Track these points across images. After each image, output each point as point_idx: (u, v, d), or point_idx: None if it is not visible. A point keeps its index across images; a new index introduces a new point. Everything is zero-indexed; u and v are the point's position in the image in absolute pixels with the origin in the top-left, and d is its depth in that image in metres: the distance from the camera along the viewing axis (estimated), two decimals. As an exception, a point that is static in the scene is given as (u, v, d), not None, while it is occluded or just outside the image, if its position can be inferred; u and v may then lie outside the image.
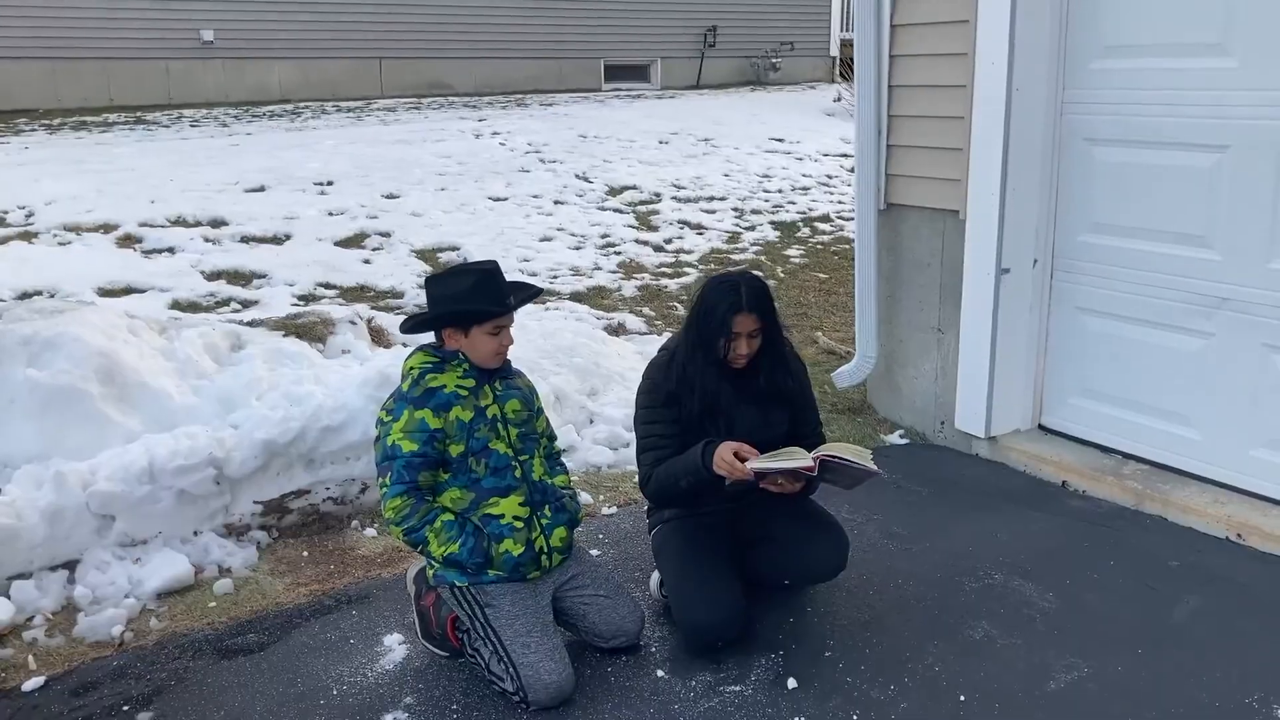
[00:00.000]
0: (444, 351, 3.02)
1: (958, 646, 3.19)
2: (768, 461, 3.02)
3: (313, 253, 8.04)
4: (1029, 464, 4.54)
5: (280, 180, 10.02)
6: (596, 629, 3.11)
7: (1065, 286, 4.50)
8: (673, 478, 3.17)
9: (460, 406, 2.94)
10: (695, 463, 3.11)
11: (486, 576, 2.97)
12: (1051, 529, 3.99)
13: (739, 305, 3.08)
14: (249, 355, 4.63)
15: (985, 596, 3.49)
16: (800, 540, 3.26)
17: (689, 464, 3.13)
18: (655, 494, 3.27)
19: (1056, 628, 3.29)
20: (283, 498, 4.01)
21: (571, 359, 5.33)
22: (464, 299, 2.93)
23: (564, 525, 3.12)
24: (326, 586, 3.64)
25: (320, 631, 3.35)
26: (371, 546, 3.94)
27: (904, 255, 4.95)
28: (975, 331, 4.56)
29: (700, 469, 3.11)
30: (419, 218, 9.24)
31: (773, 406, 3.28)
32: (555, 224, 9.46)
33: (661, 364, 3.25)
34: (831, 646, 3.20)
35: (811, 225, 10.14)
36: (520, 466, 3.04)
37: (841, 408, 5.38)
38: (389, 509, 2.90)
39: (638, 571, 3.69)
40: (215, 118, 13.71)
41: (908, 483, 4.45)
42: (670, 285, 7.95)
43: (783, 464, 3.00)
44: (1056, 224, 4.47)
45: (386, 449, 2.90)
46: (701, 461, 3.10)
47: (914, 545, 3.87)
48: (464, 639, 3.05)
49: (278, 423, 4.01)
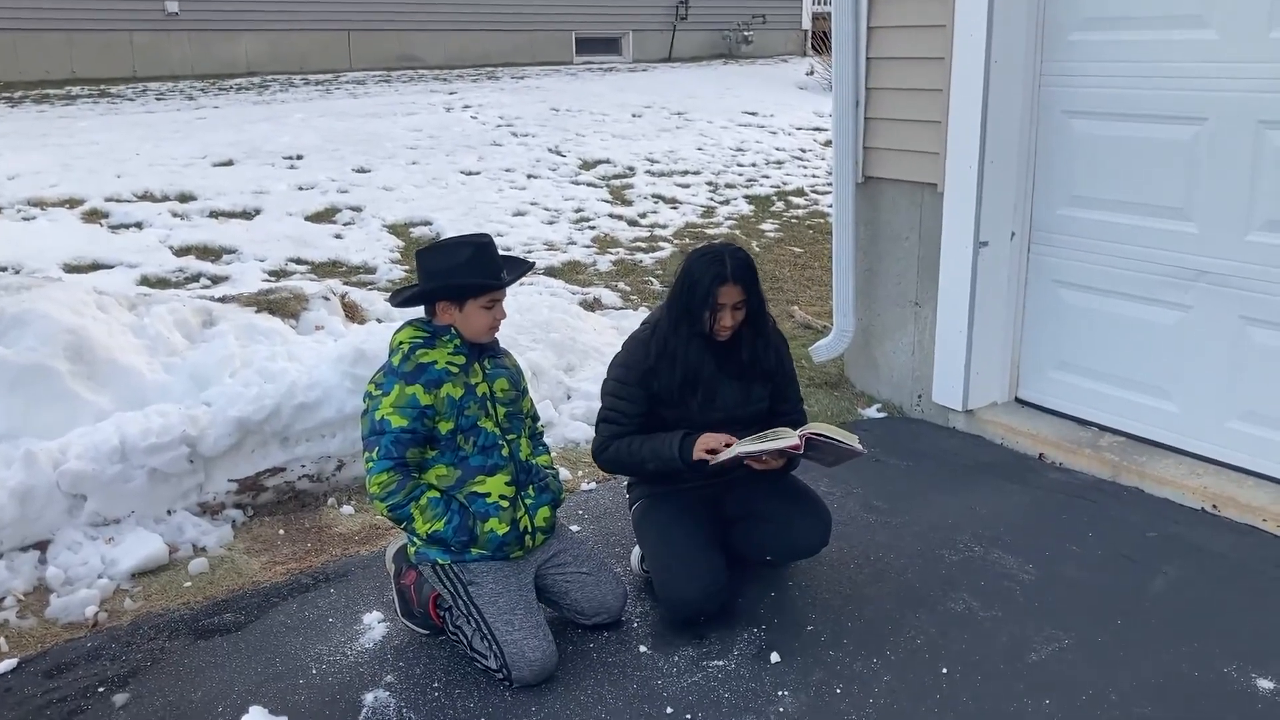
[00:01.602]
0: (435, 326, 2.97)
1: (939, 618, 3.20)
2: (753, 444, 3.00)
3: (283, 228, 7.93)
4: (1006, 437, 4.56)
5: (248, 154, 9.87)
6: (579, 606, 3.09)
7: (1043, 260, 4.50)
8: (638, 458, 3.15)
9: (451, 383, 2.90)
10: (669, 453, 3.09)
11: (470, 555, 2.94)
12: (1029, 501, 4.01)
13: (724, 276, 3.05)
14: (221, 332, 4.56)
15: (965, 569, 3.50)
16: (783, 517, 3.25)
17: (661, 452, 3.10)
18: (609, 464, 3.24)
19: (1036, 599, 3.30)
20: (258, 476, 3.96)
21: (548, 334, 5.29)
22: (460, 272, 2.88)
23: (548, 505, 3.09)
24: (304, 565, 3.60)
25: (298, 610, 3.31)
26: (349, 524, 3.89)
27: (882, 229, 4.94)
28: (953, 305, 4.56)
29: (675, 460, 3.08)
30: (390, 192, 9.14)
31: (754, 381, 3.26)
32: (528, 198, 9.38)
33: (642, 339, 3.21)
34: (813, 620, 3.20)
35: (786, 199, 10.12)
36: (507, 445, 3.00)
37: (819, 382, 5.37)
38: (374, 484, 2.86)
39: (618, 547, 3.68)
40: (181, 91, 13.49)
41: (886, 456, 4.45)
42: (645, 260, 7.91)
43: (768, 445, 2.98)
44: (1035, 197, 4.47)
45: (375, 423, 2.86)
46: (679, 454, 3.08)
47: (893, 518, 3.87)
48: (445, 617, 3.02)
49: (251, 400, 3.95)
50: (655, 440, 3.13)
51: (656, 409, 3.19)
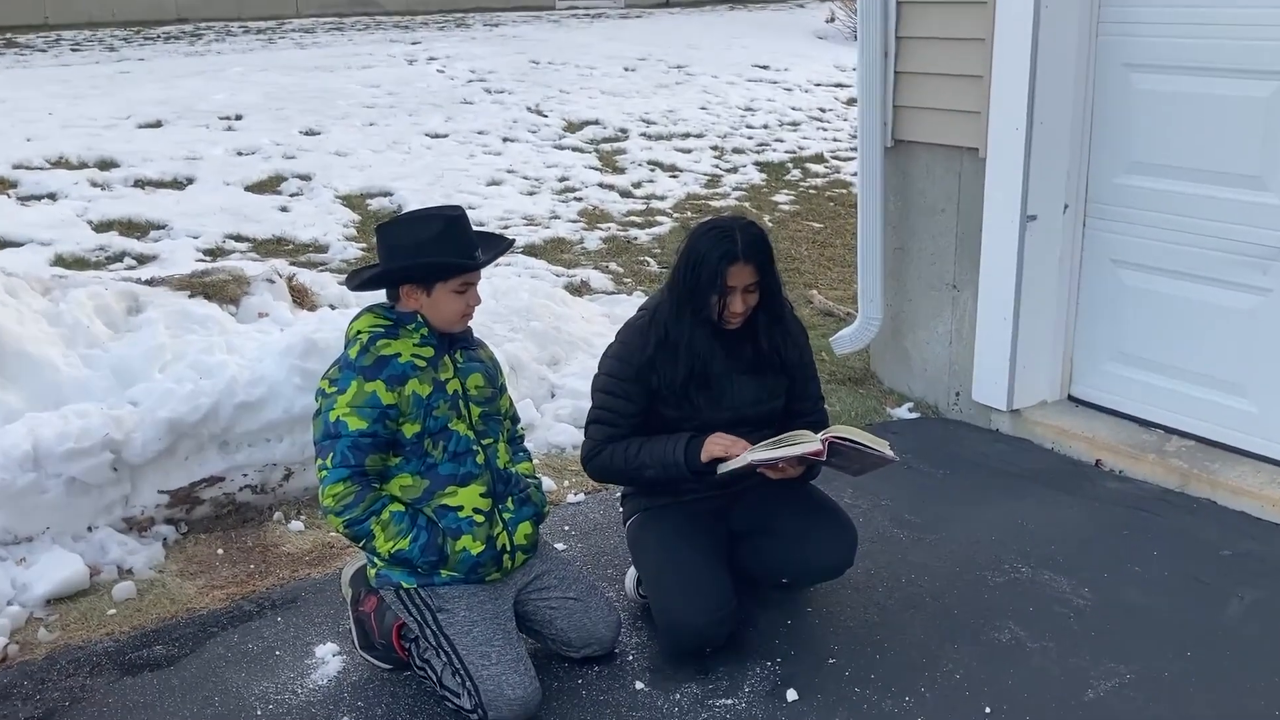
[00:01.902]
0: (398, 313, 2.97)
1: (981, 650, 3.21)
2: (769, 451, 3.01)
3: (220, 199, 7.93)
4: (1058, 440, 4.57)
5: (179, 114, 9.86)
6: (565, 636, 3.10)
7: (1100, 236, 4.51)
8: (634, 464, 3.15)
9: (417, 379, 2.90)
10: (671, 459, 3.09)
11: (439, 577, 2.94)
12: (1085, 515, 4.02)
13: (734, 255, 3.05)
14: (149, 319, 4.56)
15: (1011, 593, 3.51)
16: (801, 533, 3.25)
17: (662, 457, 3.11)
18: (600, 472, 3.26)
19: (1093, 628, 3.32)
20: (192, 486, 3.96)
21: (528, 323, 5.30)
22: (428, 250, 2.87)
23: (529, 520, 3.09)
24: (246, 589, 3.60)
25: (240, 642, 3.31)
26: (298, 542, 3.90)
27: (914, 200, 4.95)
28: (996, 288, 4.58)
29: (678, 466, 3.09)
30: (344, 158, 9.13)
31: (769, 375, 3.26)
32: (504, 165, 9.38)
33: (639, 327, 3.22)
34: (836, 652, 3.21)
35: (803, 166, 10.13)
36: (482, 451, 3.01)
37: (841, 377, 5.39)
38: (328, 496, 2.86)
39: (611, 569, 3.68)
40: (101, 40, 13.46)
41: (919, 463, 4.47)
42: (641, 237, 7.92)
43: (786, 451, 2.99)
44: (1090, 164, 4.48)
45: (328, 426, 2.86)
46: (683, 459, 3.08)
47: (928, 535, 3.89)
48: (411, 649, 3.02)
49: (185, 398, 3.95)
50: (655, 444, 3.14)
51: (656, 408, 3.19)
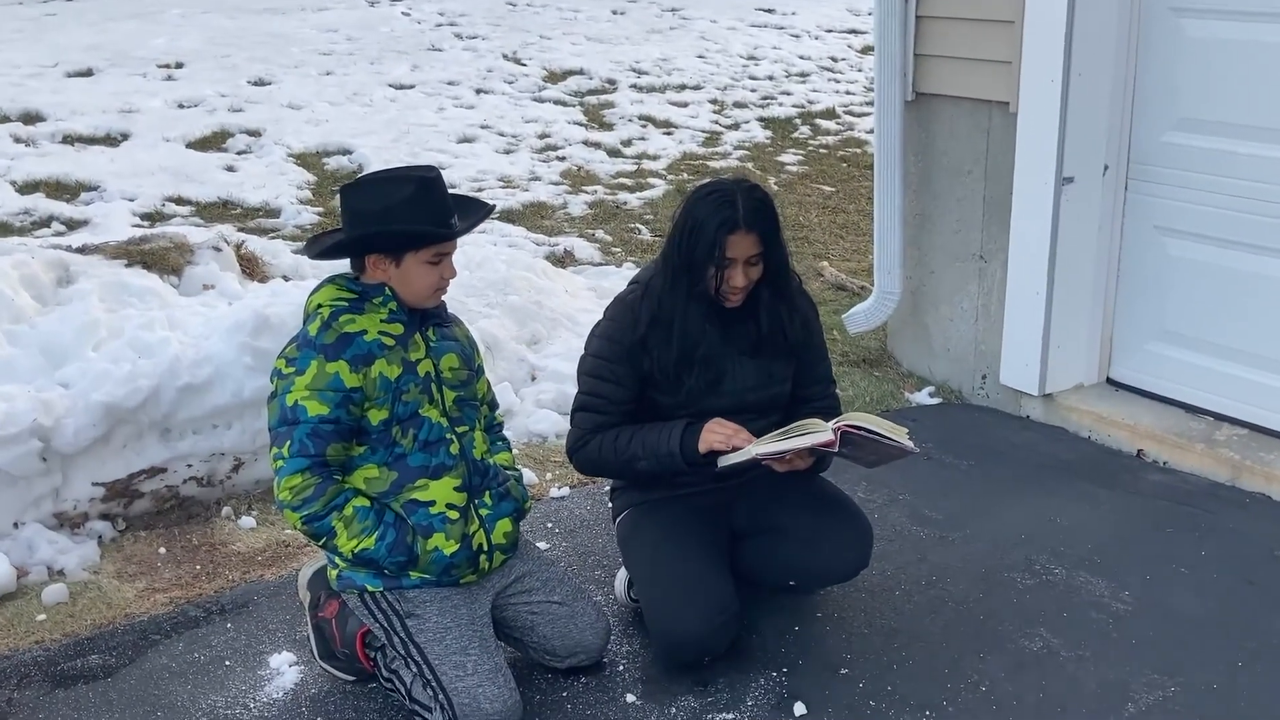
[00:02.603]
0: (364, 286, 2.97)
1: (1009, 660, 3.24)
2: (775, 443, 3.02)
3: (159, 157, 7.90)
4: (1095, 428, 4.60)
5: (113, 61, 9.81)
6: (549, 644, 3.12)
7: (1144, 201, 4.53)
8: (625, 455, 3.17)
9: (385, 360, 2.91)
10: (666, 448, 3.10)
11: (408, 579, 2.96)
12: (1125, 511, 4.05)
13: (734, 222, 3.06)
14: (82, 291, 4.56)
15: (1043, 597, 3.54)
16: (811, 531, 3.27)
17: (656, 447, 3.13)
18: (588, 465, 3.28)
19: (1134, 635, 3.35)
20: (131, 478, 3.97)
21: (505, 297, 5.30)
22: (399, 215, 2.87)
23: (508, 517, 3.11)
24: (192, 592, 3.61)
25: (185, 651, 3.32)
26: (250, 540, 3.91)
27: (937, 160, 4.96)
28: (1028, 259, 4.59)
29: (674, 457, 3.11)
30: (298, 111, 9.11)
31: (774, 357, 3.27)
32: (478, 119, 9.36)
33: (630, 302, 3.23)
34: (849, 662, 3.23)
35: (812, 122, 10.13)
36: (457, 440, 3.02)
37: (854, 359, 5.41)
38: (285, 489, 2.87)
39: (599, 569, 3.70)
40: (22, -22, 13.39)
41: (942, 453, 4.50)
42: (631, 201, 7.92)
43: (794, 443, 3.00)
44: (1133, 120, 4.49)
45: (285, 410, 2.87)
46: (680, 449, 3.10)
47: (951, 533, 3.92)
48: (377, 659, 3.04)
49: (122, 380, 3.96)
50: (648, 433, 3.15)
51: (649, 394, 3.21)
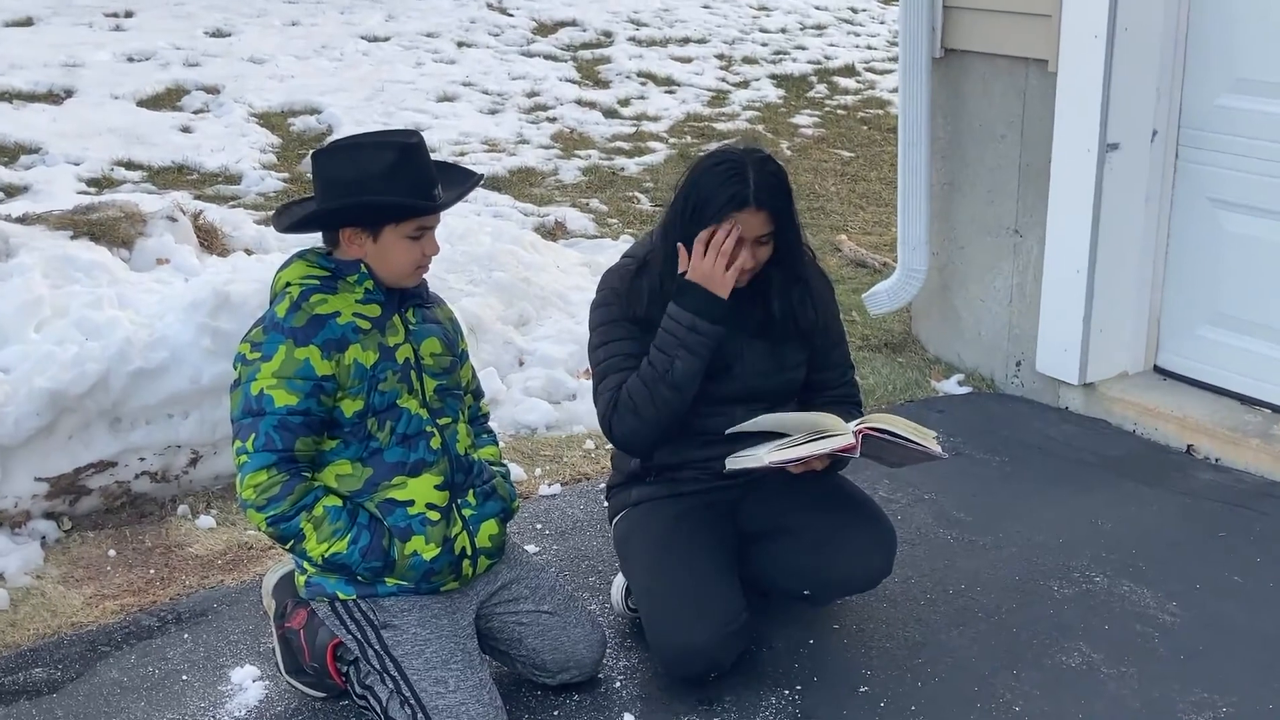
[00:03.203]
0: (337, 262, 2.97)
1: (1045, 677, 3.24)
2: (790, 450, 3.02)
3: (106, 116, 7.88)
4: (1141, 421, 4.61)
5: (55, 9, 9.78)
6: (538, 658, 3.12)
7: (1196, 170, 4.53)
8: (655, 376, 3.06)
9: (360, 345, 2.91)
10: (679, 326, 3.02)
11: (384, 586, 2.96)
12: (1173, 513, 4.06)
13: (744, 198, 3.05)
14: (22, 266, 4.56)
15: (1083, 607, 3.55)
16: (827, 535, 3.27)
17: (668, 338, 3.05)
18: (631, 423, 3.13)
19: (1182, 650, 3.35)
20: (77, 473, 3.97)
21: (490, 274, 5.30)
22: (377, 184, 2.86)
23: (494, 518, 3.11)
24: (145, 599, 3.62)
25: (138, 664, 3.32)
26: (209, 542, 3.92)
27: (968, 124, 4.95)
28: (1068, 234, 4.59)
29: (690, 326, 3.01)
30: (260, 66, 9.08)
31: (786, 342, 3.27)
32: (460, 76, 9.34)
33: (625, 273, 3.23)
34: (868, 679, 3.24)
35: (829, 80, 10.11)
36: (438, 433, 3.02)
37: (875, 343, 5.41)
38: (248, 487, 2.87)
39: (594, 575, 3.71)
40: (-46, -84, 13.33)
41: (971, 449, 4.50)
42: (629, 167, 7.91)
43: (810, 449, 3.00)
44: (1185, 80, 4.48)
45: (250, 400, 2.87)
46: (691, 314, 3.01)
47: (982, 536, 3.92)
48: (350, 674, 3.05)
49: (68, 364, 3.96)
50: (654, 345, 3.09)
51: None
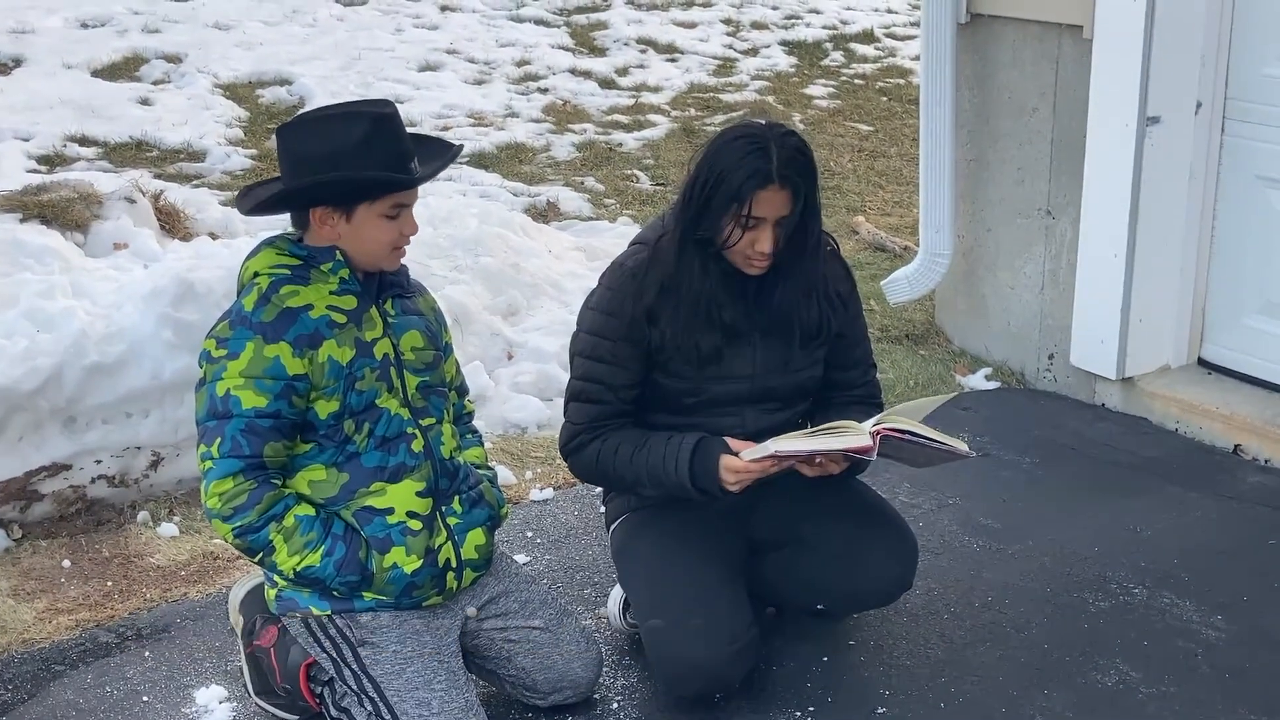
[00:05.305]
0: (309, 248, 2.97)
1: (1079, 696, 3.25)
2: (800, 441, 3.02)
3: (58, 87, 7.88)
4: (1184, 419, 4.61)
5: (2, -29, 9.77)
6: (529, 677, 3.13)
7: (1244, 145, 4.52)
8: (628, 475, 3.17)
9: (335, 340, 2.91)
10: (675, 476, 3.10)
11: (362, 601, 2.97)
12: (1219, 519, 4.06)
13: (766, 175, 3.02)
14: (-33, 252, 4.58)
15: (1120, 621, 3.55)
16: (844, 544, 3.27)
17: (662, 474, 3.12)
18: (585, 473, 3.29)
19: (1228, 668, 3.36)
20: (28, 477, 3.98)
21: (476, 259, 5.30)
22: (350, 159, 2.86)
23: (481, 527, 3.11)
24: (102, 614, 3.62)
25: (95, 684, 3.33)
26: (171, 551, 3.92)
27: (996, 96, 4.95)
28: (1105, 215, 4.59)
29: (685, 484, 3.10)
30: (225, 33, 9.07)
31: (800, 337, 3.25)
32: (443, 43, 9.33)
33: (632, 268, 3.21)
34: (887, 699, 3.25)
35: (845, 48, 10.10)
36: (421, 435, 3.02)
37: (896, 334, 5.41)
38: (214, 495, 2.87)
39: (589, 587, 3.72)
40: None
41: (1000, 449, 4.50)
42: (627, 142, 7.91)
43: (822, 444, 3.00)
44: (1232, 48, 4.48)
45: (215, 401, 2.87)
46: (689, 475, 3.09)
47: (1011, 544, 3.93)
48: (324, 695, 3.05)
49: (17, 359, 3.96)
50: (654, 448, 3.14)
51: (654, 377, 3.19)
